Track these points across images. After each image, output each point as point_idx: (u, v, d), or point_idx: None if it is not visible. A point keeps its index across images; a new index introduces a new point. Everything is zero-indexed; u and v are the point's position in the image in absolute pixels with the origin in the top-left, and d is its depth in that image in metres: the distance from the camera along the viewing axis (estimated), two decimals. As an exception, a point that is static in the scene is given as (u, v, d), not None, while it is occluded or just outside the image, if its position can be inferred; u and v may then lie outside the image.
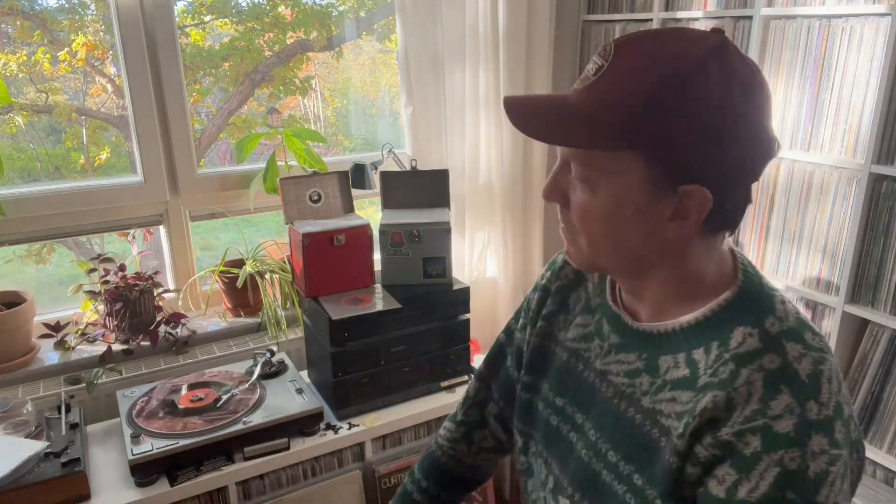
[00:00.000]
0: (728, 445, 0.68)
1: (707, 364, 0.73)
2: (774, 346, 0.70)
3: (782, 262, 1.73)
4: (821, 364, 0.70)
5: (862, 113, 1.51)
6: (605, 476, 0.80)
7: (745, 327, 0.72)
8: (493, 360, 1.08)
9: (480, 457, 1.09)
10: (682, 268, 0.76)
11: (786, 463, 0.65)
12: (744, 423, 0.68)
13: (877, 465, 1.55)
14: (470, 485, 1.12)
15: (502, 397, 1.05)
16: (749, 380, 0.69)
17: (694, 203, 0.69)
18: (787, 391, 0.68)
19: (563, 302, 0.94)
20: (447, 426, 1.12)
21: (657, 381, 0.77)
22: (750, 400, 0.68)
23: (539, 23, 2.07)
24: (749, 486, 0.66)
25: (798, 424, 0.66)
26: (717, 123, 0.66)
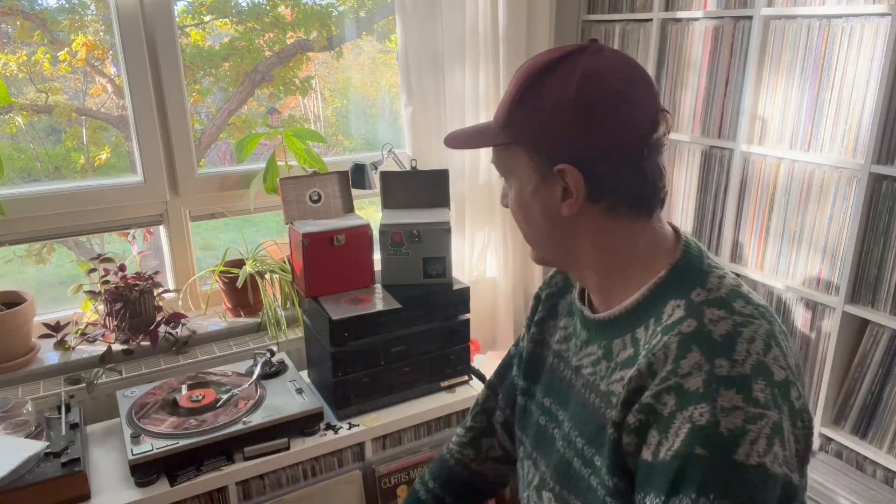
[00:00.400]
0: (650, 408, 0.71)
1: (646, 340, 0.77)
2: (694, 313, 0.73)
3: (782, 262, 1.73)
4: (742, 326, 0.71)
5: (862, 113, 1.51)
6: (576, 463, 0.83)
7: (675, 300, 0.76)
8: (503, 368, 1.12)
9: (487, 465, 1.11)
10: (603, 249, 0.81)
11: (695, 418, 0.66)
12: (660, 384, 0.70)
13: (877, 465, 1.55)
14: (477, 493, 1.13)
15: (508, 405, 1.07)
16: (666, 344, 0.72)
17: (570, 180, 0.77)
18: (696, 350, 0.70)
19: (552, 308, 0.99)
20: (458, 431, 1.15)
21: (611, 364, 0.81)
22: (666, 362, 0.71)
23: (539, 23, 2.07)
24: (667, 445, 0.68)
25: (706, 381, 0.67)
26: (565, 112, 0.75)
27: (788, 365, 0.71)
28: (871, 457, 1.56)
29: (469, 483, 1.11)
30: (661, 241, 0.82)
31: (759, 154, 1.73)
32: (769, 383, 0.68)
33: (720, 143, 1.82)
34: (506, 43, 2.01)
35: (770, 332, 0.72)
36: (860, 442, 1.59)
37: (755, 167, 1.75)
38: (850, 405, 1.61)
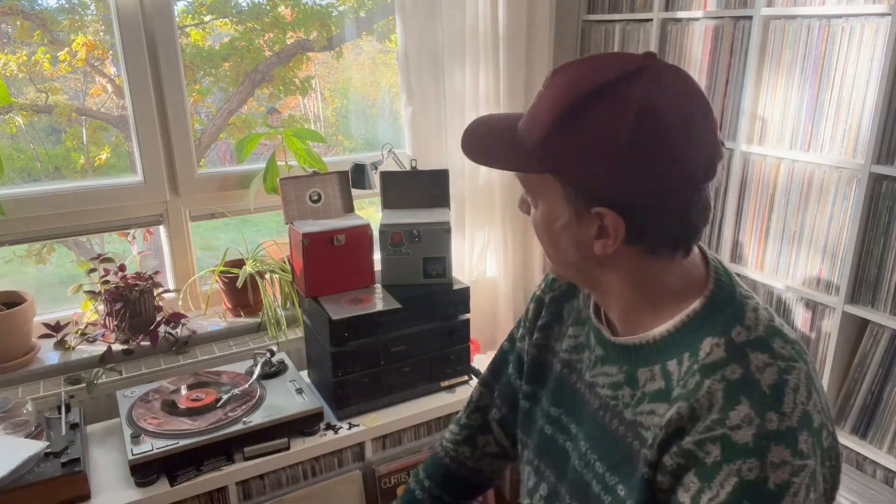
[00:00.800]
0: (691, 454, 0.69)
1: (680, 375, 0.74)
2: (738, 357, 0.70)
3: (782, 262, 1.73)
4: (786, 374, 0.69)
5: (862, 113, 1.51)
6: (595, 486, 0.82)
7: (713, 337, 0.72)
8: (497, 365, 1.10)
9: (483, 462, 1.10)
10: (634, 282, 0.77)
11: (743, 473, 0.65)
12: (704, 433, 0.68)
13: (877, 465, 1.55)
14: (473, 489, 1.13)
15: (504, 403, 1.06)
16: (710, 390, 0.69)
17: (609, 223, 0.71)
18: (746, 401, 0.67)
19: (557, 313, 0.96)
20: (451, 429, 1.13)
21: (637, 393, 0.78)
22: (711, 410, 0.69)
23: (539, 23, 2.07)
24: (710, 494, 0.67)
25: (756, 435, 0.66)
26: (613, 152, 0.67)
27: (823, 408, 0.71)
28: (871, 457, 1.56)
29: (465, 479, 1.11)
30: (692, 271, 0.78)
31: (759, 154, 1.73)
32: (811, 433, 0.68)
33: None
34: (506, 43, 2.01)
35: (809, 376, 0.70)
36: (860, 442, 1.59)
37: (755, 167, 1.75)
38: (850, 405, 1.61)
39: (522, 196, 0.82)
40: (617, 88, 0.67)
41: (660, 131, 0.66)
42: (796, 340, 0.73)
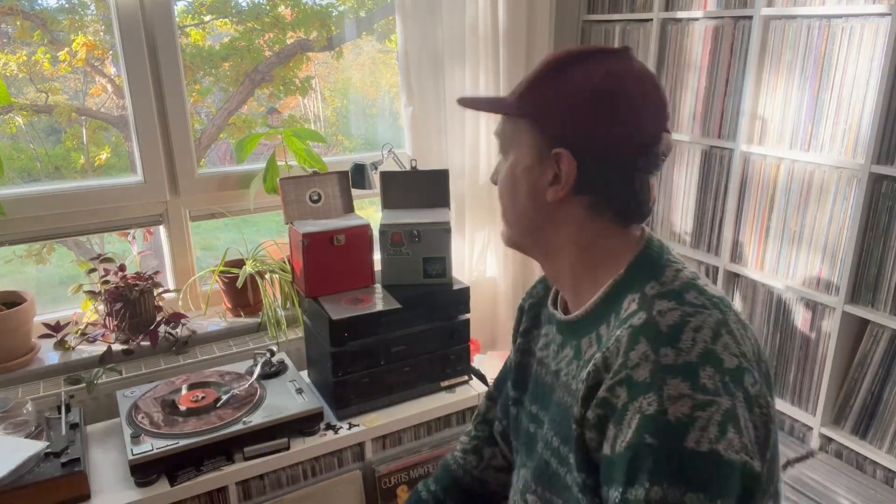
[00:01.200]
0: (606, 402, 0.72)
1: (607, 336, 0.78)
2: (646, 306, 0.75)
3: (782, 262, 1.73)
4: (690, 316, 0.72)
5: (862, 113, 1.51)
6: (553, 463, 0.84)
7: (631, 294, 0.78)
8: (500, 379, 1.13)
9: (489, 473, 1.12)
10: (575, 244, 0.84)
11: (644, 408, 0.67)
12: (613, 378, 0.71)
13: (877, 465, 1.55)
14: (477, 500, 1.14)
15: (504, 416, 1.08)
16: (618, 337, 0.73)
17: (564, 167, 0.79)
18: (644, 341, 0.71)
19: (535, 318, 1.01)
20: (461, 439, 1.17)
21: (580, 362, 0.83)
22: (618, 355, 0.72)
23: (539, 23, 2.08)
24: (622, 438, 0.69)
25: (652, 370, 0.68)
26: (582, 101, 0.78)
27: (742, 352, 0.72)
28: (871, 457, 1.56)
29: (471, 489, 1.12)
30: (629, 244, 0.84)
31: (759, 154, 1.73)
32: (718, 370, 0.68)
33: (720, 143, 1.82)
34: (506, 43, 2.01)
35: (721, 321, 0.72)
36: (860, 442, 1.59)
37: (755, 167, 1.75)
38: (850, 405, 1.61)
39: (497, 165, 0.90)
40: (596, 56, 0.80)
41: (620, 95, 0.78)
42: (717, 296, 0.77)
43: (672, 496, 0.64)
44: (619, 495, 0.67)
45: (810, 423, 1.69)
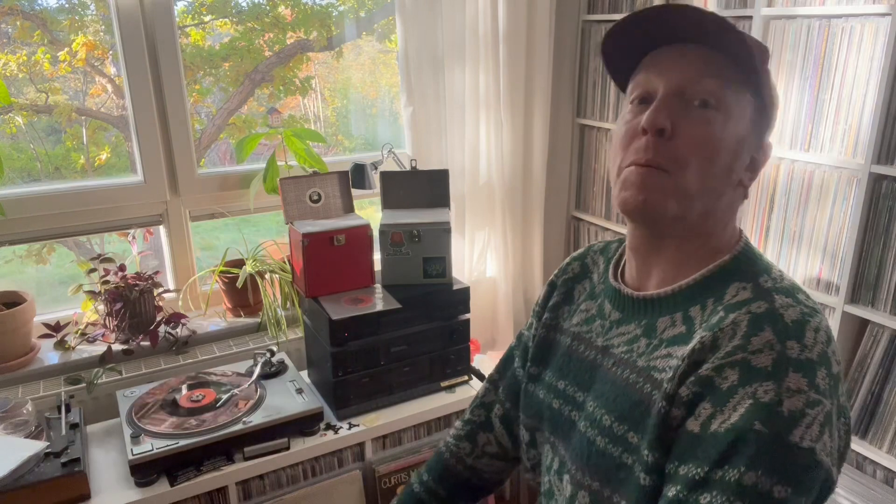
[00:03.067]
0: (707, 380, 0.70)
1: (703, 318, 0.76)
2: (764, 296, 0.74)
3: (782, 262, 1.73)
4: (809, 316, 0.72)
5: (862, 113, 1.51)
6: (599, 442, 0.82)
7: (740, 282, 0.77)
8: (503, 363, 1.11)
9: (483, 460, 1.10)
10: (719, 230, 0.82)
11: (759, 395, 0.66)
12: (724, 358, 0.70)
13: (877, 465, 1.55)
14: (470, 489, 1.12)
15: (508, 399, 1.07)
16: (735, 321, 0.72)
17: (762, 157, 0.80)
18: (769, 329, 0.70)
19: (568, 293, 0.99)
20: (455, 425, 1.14)
21: (654, 341, 0.80)
22: (734, 337, 0.71)
23: (539, 23, 2.07)
24: (721, 419, 0.68)
25: (777, 359, 0.68)
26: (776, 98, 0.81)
27: (840, 361, 0.73)
28: (871, 457, 1.56)
29: (464, 478, 1.11)
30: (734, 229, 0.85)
31: (759, 154, 1.73)
32: (829, 374, 0.69)
33: (720, 143, 1.82)
34: (506, 43, 2.01)
35: (829, 329, 0.74)
36: (860, 442, 1.59)
37: (755, 167, 1.75)
38: (850, 405, 1.61)
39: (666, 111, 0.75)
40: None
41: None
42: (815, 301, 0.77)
43: (763, 485, 0.64)
44: (701, 472, 0.67)
45: (810, 423, 1.69)
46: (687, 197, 0.76)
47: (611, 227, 2.22)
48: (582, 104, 2.27)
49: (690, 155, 0.75)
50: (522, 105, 2.11)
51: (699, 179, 0.75)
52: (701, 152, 0.75)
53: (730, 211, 0.82)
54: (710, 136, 0.75)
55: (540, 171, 2.21)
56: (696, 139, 0.75)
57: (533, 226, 2.26)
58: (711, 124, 0.75)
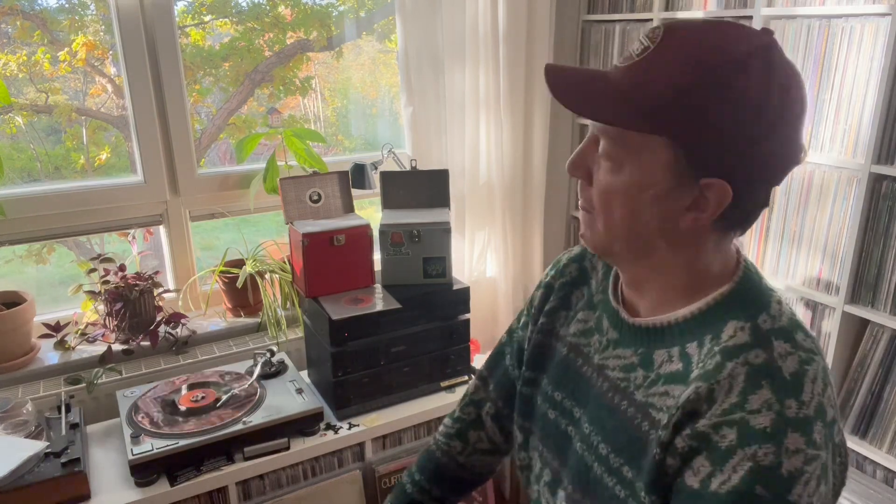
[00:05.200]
0: (705, 437, 0.69)
1: (699, 358, 0.74)
2: (762, 342, 0.71)
3: (782, 262, 1.73)
4: (807, 364, 0.70)
5: (862, 113, 1.51)
6: (597, 469, 0.81)
7: (737, 321, 0.73)
8: (493, 359, 1.09)
9: (474, 457, 1.10)
10: (689, 262, 0.76)
11: (759, 458, 0.65)
12: (721, 416, 0.68)
13: (877, 465, 1.55)
14: (463, 484, 1.12)
15: (499, 397, 1.05)
16: (732, 373, 0.69)
17: (713, 197, 0.69)
18: (767, 387, 0.68)
19: (565, 298, 0.95)
20: (445, 422, 1.13)
21: (651, 375, 0.78)
22: (731, 393, 0.69)
23: (539, 23, 2.07)
24: (721, 479, 0.66)
25: (775, 420, 0.66)
26: (750, 123, 0.66)
27: (835, 403, 0.72)
28: (871, 457, 1.56)
29: (455, 475, 1.10)
30: (729, 258, 0.79)
31: (759, 154, 1.73)
32: (824, 424, 0.68)
33: (720, 143, 1.82)
34: (506, 43, 2.01)
35: (825, 370, 0.71)
36: (860, 442, 1.59)
37: (755, 167, 1.75)
38: (850, 405, 1.61)
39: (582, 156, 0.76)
40: (758, 58, 0.66)
41: (789, 109, 0.68)
42: (815, 337, 0.74)
43: None
44: None
45: (810, 423, 1.69)
46: (609, 238, 0.77)
47: (611, 227, 2.22)
48: (582, 104, 2.27)
49: (596, 202, 0.76)
50: (522, 105, 2.11)
51: (610, 227, 0.76)
52: (600, 201, 0.75)
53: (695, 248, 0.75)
54: (606, 186, 0.74)
55: (540, 171, 2.21)
56: (597, 187, 0.75)
57: (533, 226, 2.26)
58: (607, 174, 0.74)
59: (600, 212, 0.76)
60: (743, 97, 0.66)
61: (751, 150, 0.67)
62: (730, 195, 0.69)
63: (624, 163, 0.72)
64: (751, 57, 0.66)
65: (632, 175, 0.71)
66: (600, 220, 0.76)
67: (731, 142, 0.67)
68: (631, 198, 0.72)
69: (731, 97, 0.66)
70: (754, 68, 0.66)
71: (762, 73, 0.66)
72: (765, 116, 0.66)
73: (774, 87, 0.66)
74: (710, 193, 0.69)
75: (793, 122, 0.69)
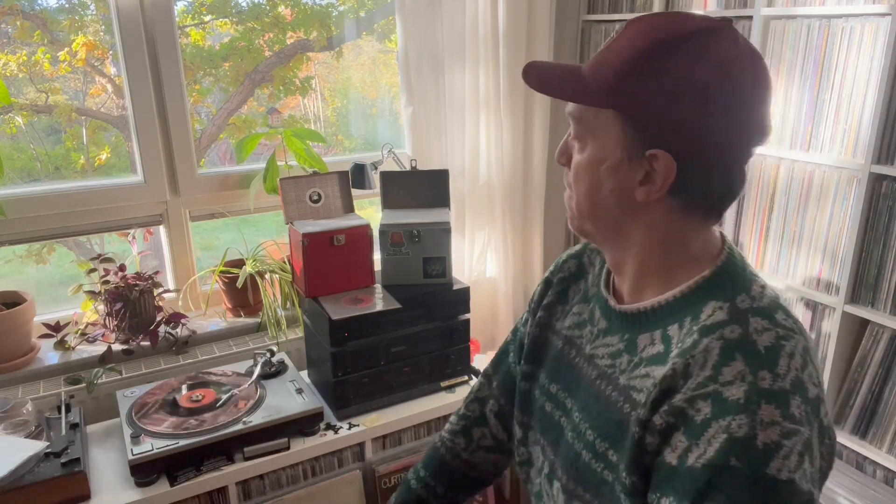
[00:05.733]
0: (681, 412, 0.69)
1: (679, 338, 0.75)
2: (739, 319, 0.72)
3: (782, 262, 1.73)
4: (784, 339, 0.70)
5: (862, 113, 1.51)
6: (585, 455, 0.82)
7: (717, 301, 0.74)
8: (498, 357, 1.11)
9: (479, 454, 1.10)
10: (661, 243, 0.78)
11: (732, 429, 0.65)
12: (696, 390, 0.69)
13: (877, 465, 1.55)
14: (467, 482, 1.12)
15: (502, 394, 1.06)
16: (707, 347, 0.70)
17: (660, 169, 0.72)
18: (740, 359, 0.68)
19: (563, 293, 0.97)
20: (451, 420, 1.14)
21: (634, 358, 0.79)
22: (705, 366, 0.69)
23: (539, 23, 2.07)
24: (698, 453, 0.67)
25: (748, 391, 0.66)
26: (684, 98, 0.70)
27: (819, 382, 0.71)
28: (871, 457, 1.56)
29: (460, 472, 1.11)
30: (711, 242, 0.80)
31: (758, 154, 1.73)
32: (804, 400, 0.67)
33: (720, 143, 1.82)
34: (506, 43, 2.01)
35: (806, 349, 0.71)
36: (860, 442, 1.59)
37: (755, 167, 1.75)
38: (850, 405, 1.61)
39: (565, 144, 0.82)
40: (698, 39, 0.71)
41: (734, 85, 0.70)
42: (797, 319, 0.75)
43: None
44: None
45: (810, 423, 1.69)
46: (580, 216, 0.82)
47: (611, 227, 2.22)
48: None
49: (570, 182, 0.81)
50: (522, 105, 2.11)
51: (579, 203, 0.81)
52: (571, 180, 0.81)
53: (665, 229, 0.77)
54: (574, 165, 0.80)
55: (540, 171, 2.21)
56: (572, 168, 0.81)
57: (533, 226, 2.26)
58: (576, 154, 0.80)
59: (573, 191, 0.81)
60: (676, 75, 0.70)
61: (688, 124, 0.71)
62: (674, 167, 0.72)
63: (587, 141, 0.77)
64: (689, 39, 0.71)
65: (591, 151, 0.77)
66: (573, 199, 0.82)
67: (668, 115, 0.71)
68: (592, 172, 0.78)
69: (667, 72, 0.70)
70: (690, 49, 0.70)
71: (698, 54, 0.70)
72: (700, 94, 0.70)
73: (711, 68, 0.70)
74: (657, 165, 0.72)
75: (739, 103, 0.71)
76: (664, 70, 0.70)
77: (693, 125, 0.71)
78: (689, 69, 0.70)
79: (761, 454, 0.64)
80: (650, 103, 0.71)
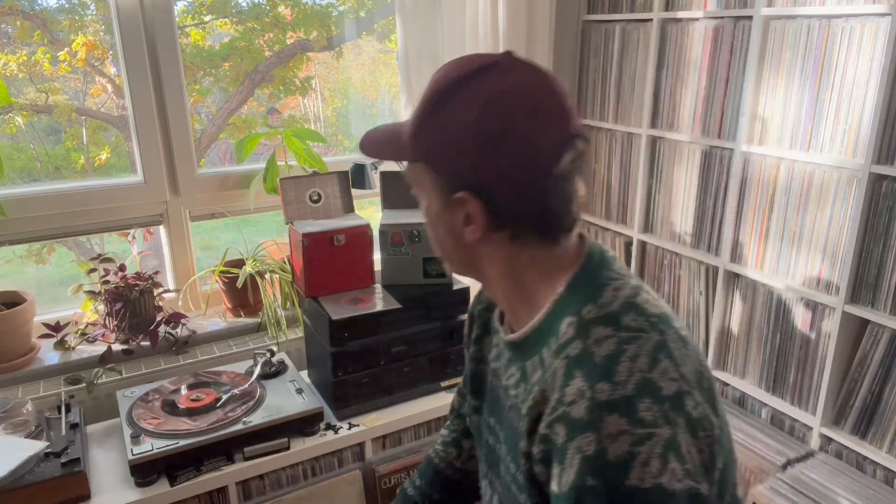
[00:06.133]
0: (547, 439, 0.69)
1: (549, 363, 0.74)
2: (581, 333, 0.71)
3: (782, 263, 1.73)
4: (626, 343, 0.69)
5: (862, 113, 1.51)
6: (513, 487, 0.82)
7: (569, 317, 0.74)
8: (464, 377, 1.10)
9: (471, 463, 1.11)
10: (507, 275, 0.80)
11: (584, 449, 0.64)
12: (550, 414, 0.69)
13: (877, 465, 1.55)
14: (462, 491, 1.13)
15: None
16: (555, 369, 0.70)
17: (471, 209, 0.74)
18: (579, 375, 0.68)
19: (486, 324, 0.97)
20: (443, 431, 1.17)
21: (528, 386, 0.79)
22: (554, 389, 0.69)
23: (539, 23, 2.07)
24: (564, 477, 0.66)
25: (589, 407, 0.65)
26: (466, 139, 0.72)
27: (681, 375, 0.68)
28: (871, 457, 1.56)
29: (454, 480, 1.12)
30: (562, 259, 0.79)
31: (759, 154, 1.73)
32: (656, 400, 0.65)
33: (720, 143, 1.82)
34: (506, 43, 2.01)
35: (659, 344, 0.69)
36: (860, 442, 1.59)
37: (755, 167, 1.75)
38: (850, 405, 1.61)
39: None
40: (473, 80, 0.73)
41: (505, 117, 0.71)
42: (657, 314, 0.73)
43: None
44: None
45: (810, 423, 1.69)
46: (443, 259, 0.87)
47: (610, 226, 2.22)
48: (582, 104, 2.27)
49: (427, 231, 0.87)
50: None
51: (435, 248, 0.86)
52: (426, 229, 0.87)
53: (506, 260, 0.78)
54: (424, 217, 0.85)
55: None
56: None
57: (533, 226, 2.25)
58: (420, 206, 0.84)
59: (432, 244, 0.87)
60: (453, 119, 0.72)
61: (475, 164, 0.72)
62: (480, 205, 0.74)
63: (420, 194, 0.82)
64: (464, 81, 0.73)
65: (423, 202, 0.82)
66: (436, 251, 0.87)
67: (457, 159, 0.73)
68: (429, 222, 0.83)
69: (443, 119, 0.73)
70: (464, 92, 0.72)
71: (473, 92, 0.72)
72: (473, 134, 0.71)
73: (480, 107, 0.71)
74: (468, 207, 0.74)
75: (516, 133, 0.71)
76: (444, 116, 0.73)
77: (479, 165, 0.72)
78: (460, 112, 0.72)
79: (616, 468, 0.63)
80: (440, 151, 0.74)
